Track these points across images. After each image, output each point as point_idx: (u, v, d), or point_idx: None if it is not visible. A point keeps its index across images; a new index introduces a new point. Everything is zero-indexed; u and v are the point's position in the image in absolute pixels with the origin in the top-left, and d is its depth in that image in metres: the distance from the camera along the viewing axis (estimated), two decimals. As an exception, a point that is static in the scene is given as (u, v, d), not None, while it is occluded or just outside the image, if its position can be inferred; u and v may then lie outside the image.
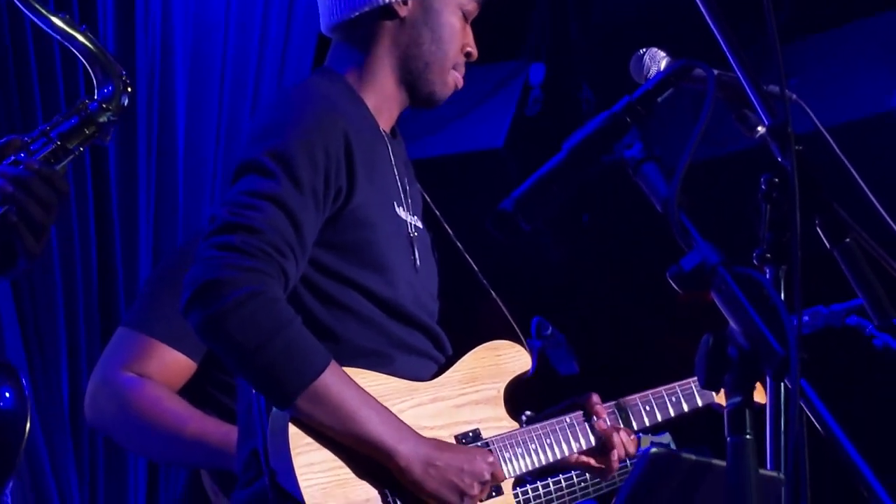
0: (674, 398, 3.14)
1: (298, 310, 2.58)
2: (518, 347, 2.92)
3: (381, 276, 2.71)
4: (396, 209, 2.79)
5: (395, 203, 2.79)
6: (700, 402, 3.19)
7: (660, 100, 2.07)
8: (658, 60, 2.40)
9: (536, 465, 2.84)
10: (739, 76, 2.09)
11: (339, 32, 2.87)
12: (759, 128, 2.11)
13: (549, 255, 5.97)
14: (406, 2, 2.81)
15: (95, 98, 2.50)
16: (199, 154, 5.08)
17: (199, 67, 5.10)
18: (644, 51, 2.42)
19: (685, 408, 3.16)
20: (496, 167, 5.66)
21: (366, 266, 2.70)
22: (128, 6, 4.87)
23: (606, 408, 2.99)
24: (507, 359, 2.89)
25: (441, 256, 2.94)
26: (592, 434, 2.94)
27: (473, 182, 5.65)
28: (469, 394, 2.81)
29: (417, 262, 2.82)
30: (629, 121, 2.02)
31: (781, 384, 1.94)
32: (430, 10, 2.82)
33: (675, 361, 2.93)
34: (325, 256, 2.67)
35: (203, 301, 2.49)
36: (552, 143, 2.10)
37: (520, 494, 3.22)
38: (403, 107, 2.87)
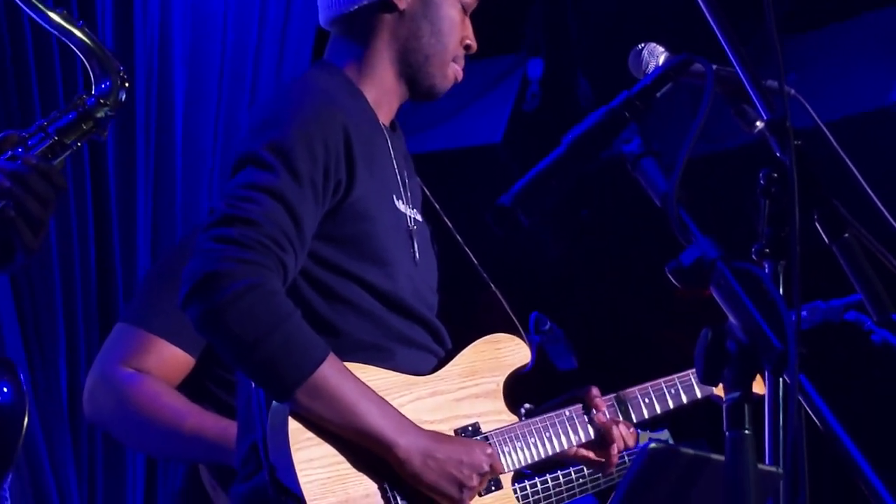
0: (673, 390, 3.14)
1: (298, 303, 2.58)
2: (517, 341, 2.91)
3: (381, 270, 2.71)
4: (396, 202, 2.79)
5: (395, 196, 2.79)
6: (699, 394, 3.18)
7: (658, 95, 2.07)
8: (657, 55, 2.40)
9: (536, 459, 2.84)
10: (738, 71, 2.09)
11: (338, 26, 2.86)
12: (758, 123, 2.11)
13: (548, 250, 5.97)
14: (405, -5, 2.81)
15: (93, 93, 2.50)
16: (198, 149, 5.07)
17: (198, 62, 5.10)
18: (643, 46, 2.42)
19: (684, 400, 3.15)
20: (494, 162, 5.66)
21: (365, 259, 2.70)
22: (126, 1, 4.86)
23: (606, 401, 2.99)
24: (507, 352, 2.89)
25: (440, 250, 2.94)
26: (592, 427, 2.94)
27: (472, 177, 5.64)
28: (468, 387, 2.80)
29: (417, 256, 2.81)
30: (628, 116, 2.02)
31: (780, 379, 1.94)
32: (430, 3, 2.81)
33: (674, 356, 2.93)
34: (325, 249, 2.67)
35: (201, 294, 2.49)
36: (550, 138, 2.10)
37: (518, 490, 3.22)
38: (403, 100, 2.87)
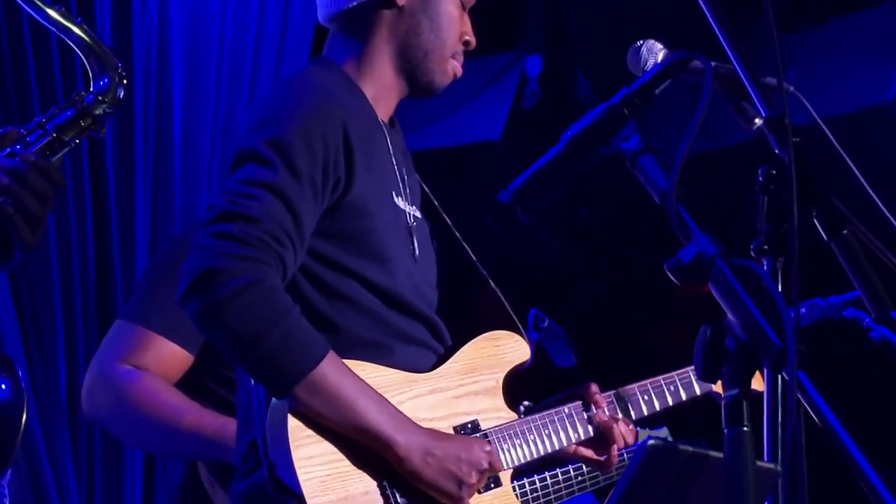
0: (672, 387, 3.13)
1: (297, 300, 2.58)
2: (517, 338, 2.91)
3: (380, 266, 2.71)
4: (395, 199, 2.79)
5: (394, 193, 2.79)
6: (698, 391, 3.18)
7: (657, 92, 2.07)
8: (655, 52, 2.40)
9: (535, 456, 2.84)
10: (737, 68, 2.09)
11: (337, 22, 2.86)
12: (757, 120, 2.11)
13: (547, 247, 5.96)
14: (403, -10, 2.81)
15: (91, 90, 2.50)
16: (196, 146, 5.07)
17: (196, 60, 5.09)
18: (641, 43, 2.41)
19: (683, 397, 3.15)
20: (493, 159, 5.66)
21: (365, 256, 2.69)
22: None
23: (605, 397, 2.98)
24: (506, 349, 2.88)
25: (439, 246, 2.94)
26: (591, 424, 2.93)
27: (470, 174, 5.64)
28: (468, 384, 2.80)
29: (416, 252, 2.81)
30: (627, 113, 2.02)
31: (779, 376, 1.94)
32: (428, -1, 2.81)
33: (673, 353, 2.93)
34: (324, 246, 2.67)
35: (200, 291, 2.48)
36: (549, 136, 2.10)
37: (517, 488, 3.22)
38: (402, 96, 2.86)
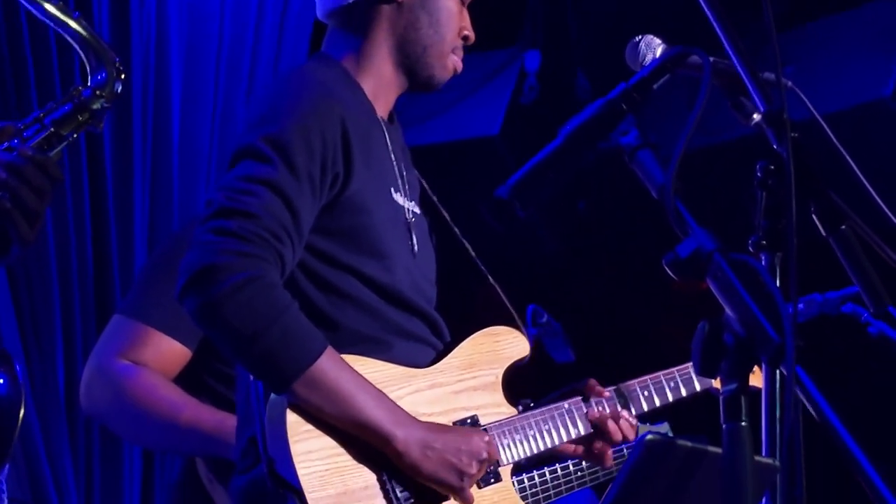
0: (672, 384, 3.13)
1: (296, 296, 2.57)
2: (516, 333, 2.91)
3: (379, 262, 2.71)
4: (393, 195, 2.78)
5: (392, 189, 2.79)
6: (698, 387, 3.18)
7: (656, 87, 2.07)
8: (654, 47, 2.40)
9: (535, 451, 2.83)
10: (735, 63, 2.09)
11: (336, 18, 2.86)
12: (755, 115, 2.11)
13: (545, 243, 5.96)
14: (402, -14, 2.80)
15: (89, 85, 2.50)
16: (195, 142, 5.07)
17: (195, 55, 5.09)
18: (640, 38, 2.41)
19: (683, 393, 3.15)
20: (492, 154, 5.66)
21: (363, 252, 2.69)
22: (123, -7, 4.87)
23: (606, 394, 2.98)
24: (506, 345, 2.88)
25: (438, 242, 2.94)
26: (590, 420, 2.93)
27: (469, 170, 5.64)
28: (467, 380, 2.80)
29: (415, 248, 2.81)
30: (625, 108, 2.02)
31: (777, 371, 1.94)
32: (427, -6, 2.81)
33: (671, 349, 2.92)
34: (323, 243, 2.66)
35: (199, 287, 2.48)
36: (548, 131, 2.10)
37: (516, 483, 3.22)
38: (401, 91, 2.86)
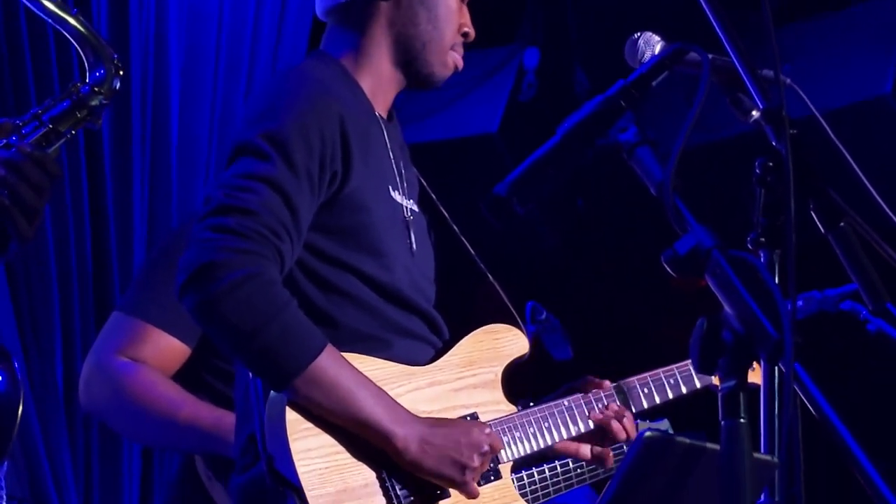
0: (672, 381, 3.13)
1: (295, 294, 2.57)
2: (515, 331, 2.90)
3: (378, 260, 2.71)
4: (392, 193, 2.78)
5: (391, 186, 2.78)
6: (698, 384, 3.18)
7: (654, 84, 2.07)
8: (653, 44, 2.40)
9: (535, 449, 2.83)
10: (734, 60, 2.09)
11: (334, 16, 2.85)
12: (754, 112, 2.11)
13: (544, 240, 5.96)
14: (401, -17, 2.80)
15: (87, 81, 2.50)
16: (194, 139, 5.07)
17: (194, 52, 5.09)
18: (638, 35, 2.41)
19: (683, 390, 3.15)
20: (491, 152, 5.66)
21: (362, 250, 2.69)
22: (122, -8, 4.86)
23: (606, 390, 2.98)
24: (505, 342, 2.88)
25: (437, 240, 2.93)
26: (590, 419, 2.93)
27: (468, 167, 5.64)
28: (466, 378, 2.80)
29: (414, 246, 2.81)
30: (624, 105, 2.02)
31: (776, 368, 1.94)
32: (426, -10, 2.80)
33: (670, 346, 2.92)
34: (321, 241, 2.66)
35: (198, 284, 2.48)
36: (546, 128, 2.10)
37: (516, 481, 3.22)
38: (400, 89, 2.85)
